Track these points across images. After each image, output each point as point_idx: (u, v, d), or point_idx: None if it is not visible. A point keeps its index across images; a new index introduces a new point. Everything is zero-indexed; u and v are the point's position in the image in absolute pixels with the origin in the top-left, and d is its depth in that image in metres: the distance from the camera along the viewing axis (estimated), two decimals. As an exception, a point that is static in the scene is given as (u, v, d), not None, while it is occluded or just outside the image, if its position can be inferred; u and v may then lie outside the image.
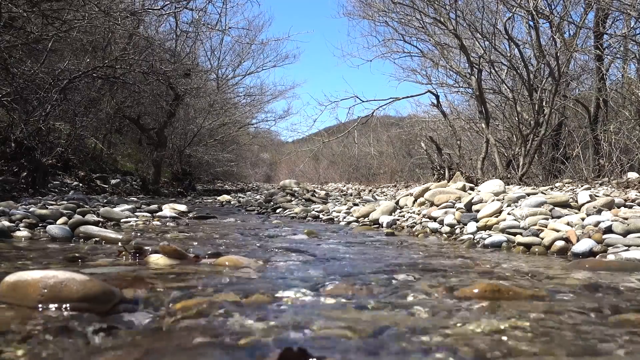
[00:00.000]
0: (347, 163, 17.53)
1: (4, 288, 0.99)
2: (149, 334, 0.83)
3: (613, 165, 4.66)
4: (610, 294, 1.21)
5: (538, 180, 5.69)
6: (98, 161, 8.05)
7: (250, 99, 17.01)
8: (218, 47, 14.89)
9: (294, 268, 1.51)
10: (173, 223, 3.10)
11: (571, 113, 7.08)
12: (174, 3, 6.28)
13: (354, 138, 12.76)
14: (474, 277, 1.42)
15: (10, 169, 4.14)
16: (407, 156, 12.87)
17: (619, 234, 2.03)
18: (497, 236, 2.37)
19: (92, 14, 4.92)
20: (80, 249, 1.86)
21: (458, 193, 3.40)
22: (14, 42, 4.69)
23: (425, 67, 9.29)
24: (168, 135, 8.68)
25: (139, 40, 7.40)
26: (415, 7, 7.34)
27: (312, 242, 2.30)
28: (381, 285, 1.26)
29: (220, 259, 1.57)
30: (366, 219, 3.57)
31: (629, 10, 4.92)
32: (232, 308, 0.99)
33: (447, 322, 0.92)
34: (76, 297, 0.95)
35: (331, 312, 0.98)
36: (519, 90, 6.91)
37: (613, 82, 6.70)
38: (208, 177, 14.34)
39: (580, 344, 0.81)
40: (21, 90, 4.55)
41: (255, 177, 25.29)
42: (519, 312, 1.00)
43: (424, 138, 9.06)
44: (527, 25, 6.77)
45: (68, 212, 2.68)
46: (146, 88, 6.96)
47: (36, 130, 4.57)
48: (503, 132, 7.84)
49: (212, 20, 8.65)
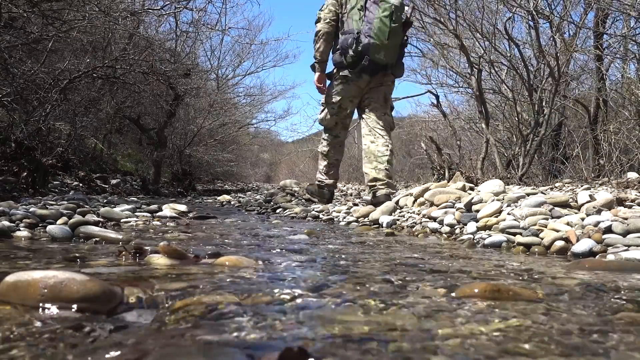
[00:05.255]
0: (347, 163, 17.55)
1: (4, 288, 0.99)
2: (149, 334, 0.83)
3: (613, 165, 4.66)
4: (611, 294, 1.21)
5: (538, 180, 5.70)
6: (98, 161, 8.06)
7: (250, 99, 17.02)
8: (218, 47, 14.92)
9: (294, 268, 1.52)
10: (173, 223, 3.11)
11: (571, 113, 7.08)
12: (174, 3, 6.29)
13: (354, 138, 12.77)
14: (474, 277, 1.42)
15: (11, 169, 4.14)
16: (407, 156, 12.87)
17: (619, 234, 2.03)
18: (497, 236, 2.37)
19: (92, 14, 4.92)
20: (80, 249, 1.86)
21: (458, 193, 3.40)
22: (14, 42, 4.70)
23: (425, 67, 9.31)
24: (168, 135, 8.68)
25: (139, 40, 7.41)
26: (415, 7, 7.34)
27: (312, 242, 2.31)
28: (381, 285, 1.26)
29: (220, 259, 1.57)
30: (366, 219, 3.57)
31: (629, 10, 4.92)
32: (232, 308, 0.99)
33: (447, 322, 0.92)
34: (76, 297, 0.95)
35: (331, 312, 0.98)
36: (519, 90, 6.92)
37: (613, 82, 6.72)
38: (208, 177, 14.34)
39: (581, 344, 0.81)
40: (21, 90, 4.55)
41: (255, 177, 25.29)
42: (519, 312, 1.00)
43: (424, 138, 9.07)
44: (527, 25, 6.79)
45: (68, 212, 2.68)
46: (146, 88, 6.96)
47: (36, 130, 4.58)
48: (503, 132, 7.84)
49: (212, 20, 8.68)
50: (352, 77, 4.03)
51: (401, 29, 3.89)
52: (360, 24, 3.83)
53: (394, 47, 3.89)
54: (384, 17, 3.74)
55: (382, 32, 3.75)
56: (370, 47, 3.79)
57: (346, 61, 3.95)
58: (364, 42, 3.79)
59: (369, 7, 3.81)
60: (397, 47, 3.92)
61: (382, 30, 3.75)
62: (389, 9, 3.76)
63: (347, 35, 3.88)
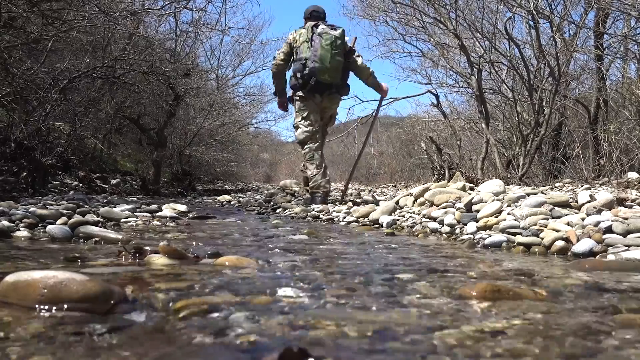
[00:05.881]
0: (347, 163, 17.54)
1: (3, 288, 0.99)
2: (149, 334, 0.83)
3: (613, 165, 4.66)
4: (611, 294, 1.21)
5: (538, 180, 5.69)
6: (98, 161, 8.06)
7: (250, 99, 17.00)
8: (218, 47, 14.89)
9: (294, 268, 1.51)
10: (173, 223, 3.10)
11: (571, 113, 7.08)
12: (174, 3, 6.29)
13: (354, 138, 12.76)
14: (474, 277, 1.42)
15: (10, 169, 4.14)
16: (407, 156, 12.86)
17: (619, 234, 2.02)
18: (497, 236, 2.37)
19: (92, 14, 4.92)
20: (80, 249, 1.86)
21: (458, 193, 3.40)
22: (14, 42, 4.69)
23: (425, 67, 9.31)
24: (168, 135, 8.68)
25: (139, 40, 7.40)
26: (416, 7, 7.34)
27: (312, 242, 2.30)
28: (381, 285, 1.26)
29: (220, 259, 1.57)
30: (366, 219, 3.57)
31: (629, 10, 4.92)
32: (232, 308, 0.99)
33: (447, 323, 0.92)
34: (76, 297, 0.95)
35: (331, 312, 0.98)
36: (519, 90, 6.91)
37: (613, 82, 6.71)
38: (208, 177, 14.33)
39: (581, 344, 0.81)
40: (21, 90, 4.55)
41: (255, 177, 25.27)
42: (519, 312, 1.00)
43: (424, 138, 9.06)
44: (527, 25, 6.78)
45: (68, 212, 2.67)
46: (146, 88, 6.96)
47: (36, 130, 4.57)
48: (503, 132, 7.84)
49: (212, 20, 8.66)
50: (306, 95, 4.80)
51: (342, 55, 4.71)
52: (308, 53, 4.67)
53: (337, 70, 4.70)
54: (325, 45, 4.59)
55: (324, 58, 4.59)
56: (316, 70, 4.62)
57: (299, 83, 4.75)
58: (310, 67, 4.63)
59: (314, 39, 4.67)
60: (339, 70, 4.73)
61: (324, 56, 4.59)
62: (330, 39, 4.62)
63: (298, 62, 4.75)
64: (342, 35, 4.69)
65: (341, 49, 4.67)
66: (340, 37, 4.66)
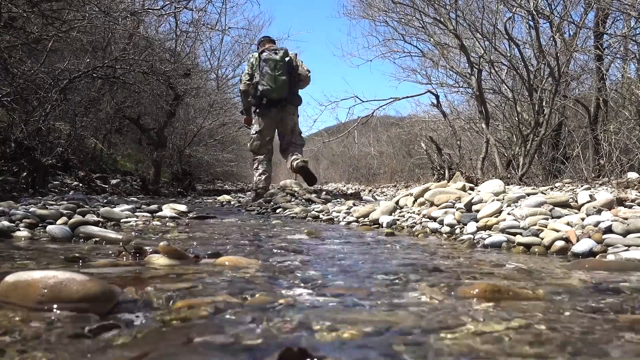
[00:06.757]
0: (347, 163, 17.53)
1: (4, 288, 0.99)
2: (149, 334, 0.83)
3: (613, 165, 4.66)
4: (611, 294, 1.21)
5: (538, 180, 5.69)
6: (98, 161, 8.05)
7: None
8: (218, 47, 14.89)
9: (294, 268, 1.51)
10: (173, 223, 3.10)
11: (571, 113, 7.07)
12: (174, 3, 6.29)
13: (354, 138, 12.77)
14: (473, 277, 1.42)
15: (10, 169, 4.14)
16: (407, 156, 12.85)
17: (619, 234, 2.02)
18: (497, 236, 2.37)
19: (92, 14, 4.92)
20: (80, 249, 1.86)
21: (458, 193, 3.40)
22: (14, 42, 4.69)
23: (425, 67, 9.30)
24: (168, 135, 8.67)
25: (139, 40, 7.40)
26: (416, 7, 7.35)
27: (312, 242, 2.30)
28: (381, 285, 1.26)
29: (220, 259, 1.57)
30: (366, 219, 3.57)
31: (629, 10, 4.92)
32: (232, 308, 0.99)
33: (447, 323, 0.92)
34: (76, 297, 0.95)
35: (331, 312, 0.98)
36: (519, 90, 6.91)
37: (613, 82, 6.70)
38: (208, 177, 14.33)
39: (581, 344, 0.81)
40: (21, 90, 4.54)
41: (255, 177, 25.25)
42: (519, 313, 1.00)
43: (424, 138, 9.06)
44: (527, 25, 6.78)
45: (68, 212, 2.67)
46: (146, 88, 6.95)
47: (36, 130, 4.57)
48: (503, 132, 7.83)
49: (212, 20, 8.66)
50: (263, 111, 5.71)
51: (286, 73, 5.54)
52: (258, 77, 5.60)
53: (283, 87, 5.55)
54: (269, 69, 5.49)
55: (270, 79, 5.50)
56: (265, 91, 5.55)
57: (255, 102, 5.71)
58: (261, 89, 5.57)
59: (262, 65, 5.56)
60: (285, 86, 5.56)
61: (270, 78, 5.49)
62: (273, 63, 5.50)
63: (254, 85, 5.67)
64: (283, 57, 5.55)
65: (284, 69, 5.53)
66: (281, 60, 5.53)
